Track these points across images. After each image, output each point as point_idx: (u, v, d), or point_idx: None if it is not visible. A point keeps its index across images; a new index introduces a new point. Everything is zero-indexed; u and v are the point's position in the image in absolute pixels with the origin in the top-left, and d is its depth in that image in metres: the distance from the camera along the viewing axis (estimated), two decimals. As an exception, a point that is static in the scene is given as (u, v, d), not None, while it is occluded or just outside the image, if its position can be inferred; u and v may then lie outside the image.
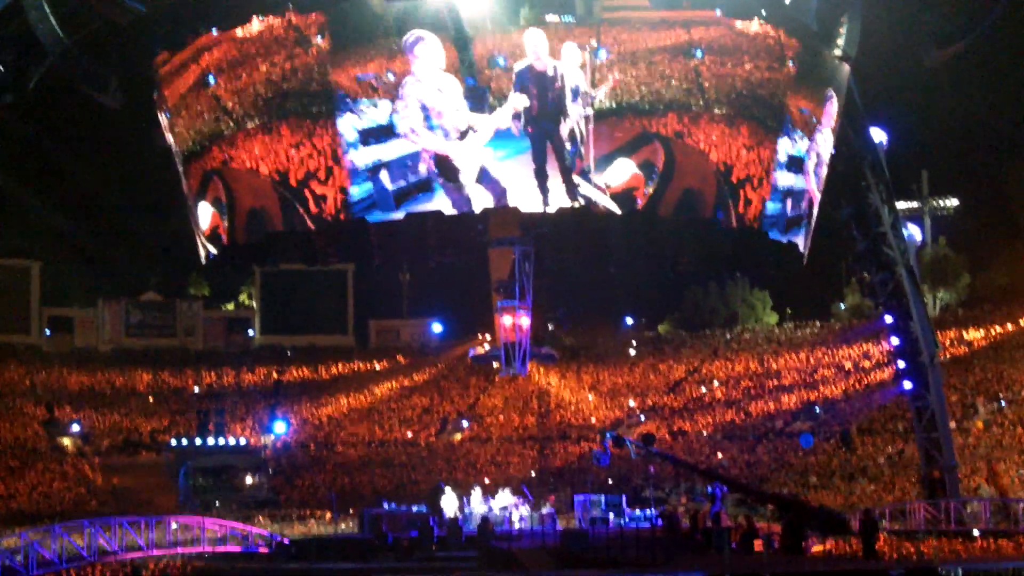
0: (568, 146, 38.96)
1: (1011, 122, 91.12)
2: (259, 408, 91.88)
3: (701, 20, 41.32)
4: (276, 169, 42.18)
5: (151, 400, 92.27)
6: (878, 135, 55.61)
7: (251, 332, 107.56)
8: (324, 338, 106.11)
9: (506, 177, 38.57)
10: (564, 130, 38.74)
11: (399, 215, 40.91)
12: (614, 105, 39.54)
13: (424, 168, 37.64)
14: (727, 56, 42.31)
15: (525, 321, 54.51)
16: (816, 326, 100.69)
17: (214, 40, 42.60)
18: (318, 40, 40.04)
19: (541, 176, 39.23)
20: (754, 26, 42.95)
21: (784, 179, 46.48)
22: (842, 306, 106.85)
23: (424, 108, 36.41)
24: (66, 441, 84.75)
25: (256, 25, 41.19)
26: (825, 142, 48.57)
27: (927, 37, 48.41)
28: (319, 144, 40.10)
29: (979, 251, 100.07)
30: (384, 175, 36.38)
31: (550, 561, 42.70)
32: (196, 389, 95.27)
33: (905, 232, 58.68)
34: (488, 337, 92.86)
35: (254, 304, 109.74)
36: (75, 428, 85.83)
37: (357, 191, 37.72)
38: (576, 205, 39.50)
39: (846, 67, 48.70)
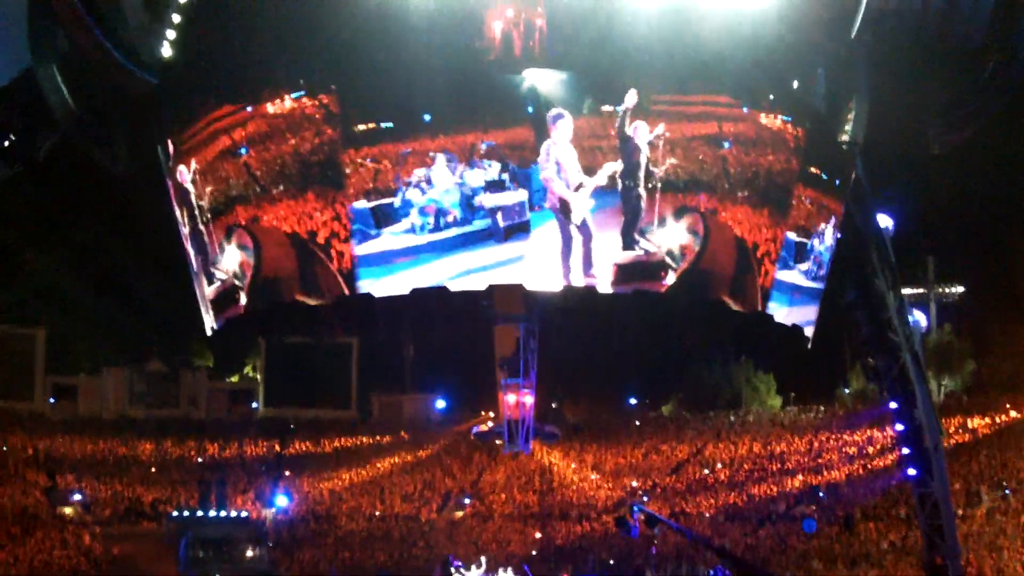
0: (635, 209, 44.19)
1: (1018, 209, 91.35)
2: (261, 480, 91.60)
3: (731, 116, 45.32)
4: (302, 229, 44.65)
5: (153, 470, 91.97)
6: (884, 220, 55.78)
7: (255, 404, 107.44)
8: (327, 411, 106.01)
9: (594, 225, 43.94)
10: (634, 195, 43.92)
11: (405, 290, 44.04)
12: (662, 184, 44.30)
13: (526, 212, 43.80)
14: (751, 147, 45.55)
15: (529, 399, 54.73)
16: (820, 410, 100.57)
17: (248, 116, 44.85)
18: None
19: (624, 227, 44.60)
20: (777, 122, 46.16)
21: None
22: (846, 391, 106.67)
23: (558, 163, 43.11)
24: (67, 509, 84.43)
25: (288, 103, 44.33)
26: (829, 232, 49.03)
27: (936, 123, 48.75)
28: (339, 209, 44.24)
29: (984, 338, 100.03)
30: (499, 215, 43.44)
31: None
32: (199, 459, 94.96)
33: (910, 318, 58.66)
34: (491, 414, 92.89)
35: (258, 376, 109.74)
36: (76, 496, 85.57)
37: (480, 223, 43.63)
38: (639, 253, 44.31)
39: (853, 153, 49.00)
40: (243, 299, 46.66)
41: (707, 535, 79.98)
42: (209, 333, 49.65)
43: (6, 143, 46.17)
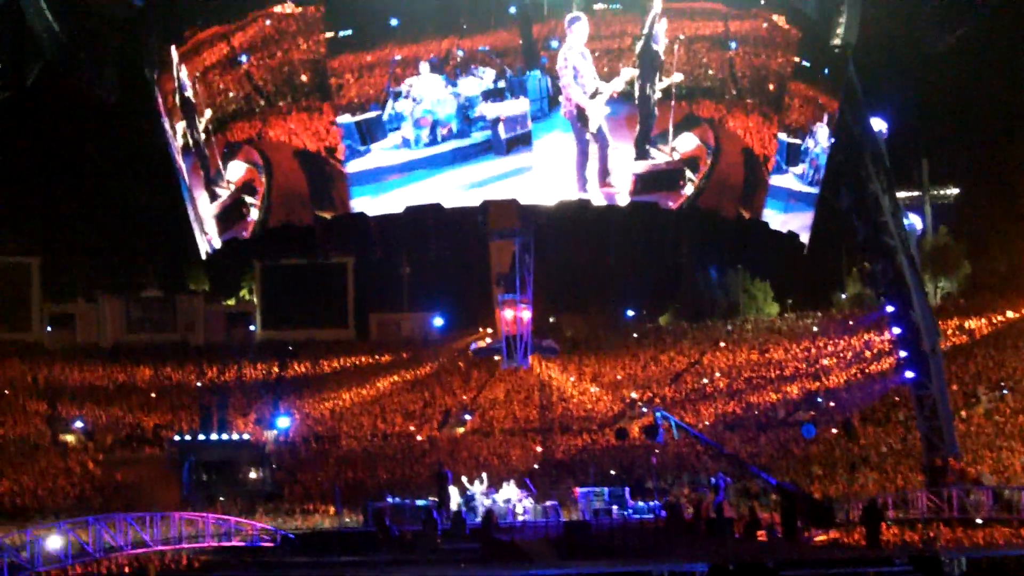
0: (649, 117, 43.41)
1: (1012, 110, 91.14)
2: (261, 402, 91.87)
3: (737, 15, 44.15)
4: (319, 145, 43.29)
5: (153, 395, 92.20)
6: (878, 124, 55.54)
7: (252, 326, 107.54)
8: (325, 332, 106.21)
9: (610, 133, 42.93)
10: (651, 103, 43.16)
11: (397, 206, 42.96)
12: (675, 91, 43.36)
13: (529, 123, 42.34)
14: (760, 48, 44.75)
15: (526, 314, 55.00)
16: (817, 316, 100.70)
17: (248, 20, 43.48)
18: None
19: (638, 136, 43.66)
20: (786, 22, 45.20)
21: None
22: (843, 296, 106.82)
23: (575, 69, 41.86)
24: (69, 437, 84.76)
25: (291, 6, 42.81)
26: (823, 133, 48.66)
27: (929, 24, 48.42)
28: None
29: (980, 239, 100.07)
30: (500, 126, 42.02)
31: (553, 552, 42.82)
32: (198, 384, 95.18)
33: (906, 221, 58.62)
34: (489, 330, 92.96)
35: (254, 299, 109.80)
36: (78, 424, 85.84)
37: (479, 136, 42.26)
38: (656, 162, 43.54)
39: (846, 56, 48.70)
40: (252, 214, 45.55)
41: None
42: (204, 256, 49.35)
43: (-7, 69, 45.79)
